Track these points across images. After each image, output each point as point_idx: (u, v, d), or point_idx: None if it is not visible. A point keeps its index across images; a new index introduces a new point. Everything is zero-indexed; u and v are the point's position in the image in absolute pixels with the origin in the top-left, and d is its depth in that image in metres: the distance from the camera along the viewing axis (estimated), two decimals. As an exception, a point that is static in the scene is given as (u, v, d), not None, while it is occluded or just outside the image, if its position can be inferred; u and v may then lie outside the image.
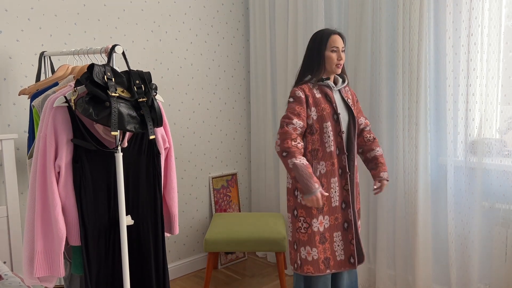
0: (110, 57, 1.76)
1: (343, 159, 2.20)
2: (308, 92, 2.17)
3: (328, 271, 2.21)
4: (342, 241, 2.23)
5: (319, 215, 2.18)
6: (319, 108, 2.16)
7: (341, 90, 2.27)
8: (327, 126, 2.16)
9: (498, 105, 2.35)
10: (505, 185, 2.31)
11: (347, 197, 2.22)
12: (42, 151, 1.67)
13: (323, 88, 2.21)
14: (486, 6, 2.28)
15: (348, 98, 2.27)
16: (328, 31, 2.20)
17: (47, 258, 1.70)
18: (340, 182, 2.22)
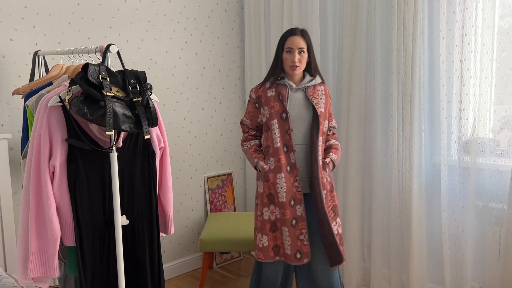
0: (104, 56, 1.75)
1: (291, 157, 2.23)
2: (260, 92, 2.32)
3: (277, 258, 2.29)
4: (289, 237, 2.24)
5: (270, 205, 2.27)
6: (269, 107, 2.27)
7: (307, 89, 2.28)
8: (274, 124, 2.25)
9: (491, 104, 2.37)
10: (498, 185, 2.32)
11: (296, 194, 2.23)
12: (36, 151, 1.66)
13: (280, 87, 2.27)
14: (480, 7, 2.30)
15: (314, 97, 2.27)
16: (288, 31, 2.25)
17: (41, 259, 1.69)
18: (289, 178, 2.23)
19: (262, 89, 2.32)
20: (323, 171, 2.28)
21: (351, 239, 2.92)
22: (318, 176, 2.23)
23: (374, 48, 2.69)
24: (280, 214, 2.25)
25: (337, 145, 2.39)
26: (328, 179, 2.31)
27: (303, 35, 2.23)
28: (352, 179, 2.88)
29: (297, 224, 2.23)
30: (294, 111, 2.25)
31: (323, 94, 2.32)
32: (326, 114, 2.32)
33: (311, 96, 2.27)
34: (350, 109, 2.84)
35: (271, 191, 2.26)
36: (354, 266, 2.94)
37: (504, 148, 2.33)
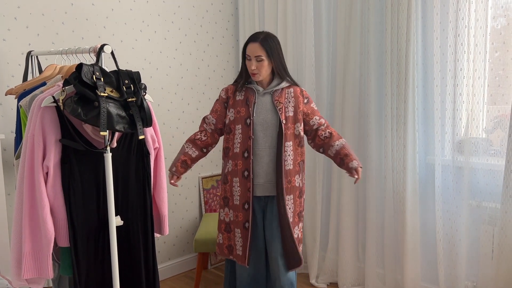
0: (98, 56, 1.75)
1: (249, 163, 2.23)
2: (230, 94, 2.33)
3: (231, 257, 2.35)
4: (241, 239, 2.28)
5: (224, 207, 2.34)
6: (236, 111, 2.27)
7: (274, 93, 2.26)
8: (238, 129, 2.26)
9: (484, 104, 2.39)
10: (492, 184, 2.34)
11: (249, 199, 2.24)
12: (30, 151, 1.65)
13: (248, 91, 2.28)
14: (473, 7, 2.31)
15: (279, 102, 2.24)
16: (249, 38, 2.24)
17: (35, 260, 1.68)
18: (245, 184, 2.24)
19: (232, 91, 2.32)
20: (295, 176, 2.27)
21: (346, 239, 2.93)
22: (282, 182, 2.21)
23: (368, 49, 2.70)
24: (233, 216, 2.30)
25: (343, 147, 2.27)
26: (299, 184, 2.30)
27: (261, 42, 2.17)
28: (346, 179, 2.89)
29: (249, 228, 2.26)
30: (261, 115, 2.24)
31: (292, 97, 2.27)
32: (297, 117, 2.27)
33: (277, 100, 2.25)
34: (344, 109, 2.85)
35: (226, 194, 2.31)
36: (348, 265, 2.95)
37: (497, 147, 2.34)
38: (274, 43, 2.21)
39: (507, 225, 2.19)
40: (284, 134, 2.22)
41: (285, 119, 2.24)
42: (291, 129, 2.26)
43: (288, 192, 2.26)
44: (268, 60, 2.20)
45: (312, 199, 3.10)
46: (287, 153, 2.25)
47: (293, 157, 2.27)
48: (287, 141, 2.24)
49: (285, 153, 2.24)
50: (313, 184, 3.07)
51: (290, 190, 2.26)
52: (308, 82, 3.03)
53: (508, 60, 2.30)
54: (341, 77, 2.87)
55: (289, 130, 2.25)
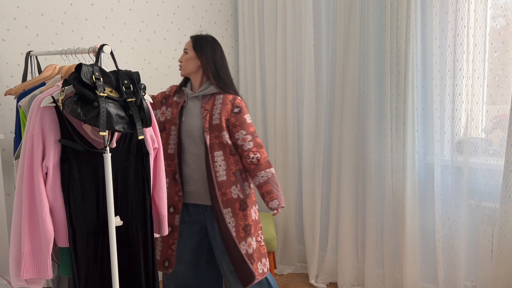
0: (98, 56, 1.74)
1: (176, 165, 2.20)
2: (171, 93, 2.31)
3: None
4: (161, 243, 2.23)
5: None
6: (171, 112, 2.25)
7: (203, 98, 2.20)
8: (173, 130, 2.22)
9: (483, 105, 2.39)
10: (491, 184, 2.34)
11: (178, 203, 2.20)
12: (29, 151, 1.65)
13: (182, 93, 2.27)
14: (472, 7, 2.32)
15: (205, 109, 2.16)
16: None
17: (34, 260, 1.68)
18: (174, 186, 2.21)
19: (173, 91, 2.30)
20: (231, 187, 2.16)
21: (345, 239, 2.93)
22: (215, 194, 2.13)
23: (368, 49, 2.71)
24: None
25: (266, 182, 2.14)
26: (238, 195, 2.17)
27: (193, 38, 2.22)
28: (346, 179, 2.89)
29: (172, 233, 2.22)
30: (187, 121, 2.19)
31: (220, 103, 2.16)
32: (222, 126, 2.14)
33: (203, 107, 2.17)
34: (344, 109, 2.85)
35: None
36: (348, 265, 2.95)
37: (497, 147, 2.34)
38: (207, 43, 2.21)
39: (506, 225, 2.19)
40: (209, 143, 2.13)
41: (209, 127, 2.14)
42: (219, 138, 2.15)
43: (225, 205, 2.15)
44: (194, 55, 2.19)
45: (311, 199, 3.10)
46: (217, 163, 2.14)
47: (226, 167, 2.15)
48: (215, 151, 2.14)
49: (215, 163, 2.14)
50: (313, 184, 3.08)
51: (226, 203, 2.15)
52: (308, 82, 3.03)
53: (507, 60, 2.30)
54: (340, 77, 2.87)
55: (217, 139, 2.14)
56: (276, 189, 2.15)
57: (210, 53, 2.19)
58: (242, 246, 2.17)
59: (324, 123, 3.02)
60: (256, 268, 2.20)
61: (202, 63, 2.18)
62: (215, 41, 2.24)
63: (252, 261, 2.19)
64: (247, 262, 2.16)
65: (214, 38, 2.26)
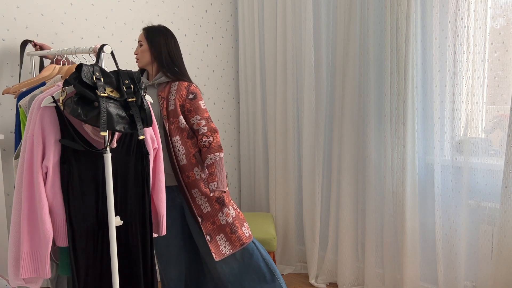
0: (98, 56, 1.74)
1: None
2: None
3: None
4: None
5: None
6: None
7: (158, 86, 2.29)
8: None
9: (483, 105, 2.39)
10: (491, 184, 2.34)
11: None
12: (29, 151, 1.65)
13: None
14: (472, 8, 2.32)
15: (161, 96, 2.26)
16: None
17: (33, 260, 1.68)
18: None
19: None
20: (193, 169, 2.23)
21: (345, 239, 2.93)
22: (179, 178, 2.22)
23: (368, 49, 2.71)
24: None
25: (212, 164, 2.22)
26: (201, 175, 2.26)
27: (146, 29, 2.29)
28: (346, 179, 2.89)
29: None
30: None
31: (175, 90, 2.26)
32: (177, 111, 2.23)
33: (159, 94, 2.27)
34: (344, 109, 2.85)
35: None
36: (348, 265, 2.95)
37: (497, 147, 2.35)
38: (160, 34, 2.27)
39: (506, 225, 2.19)
40: (168, 129, 2.22)
41: (167, 114, 2.23)
42: (175, 124, 2.24)
43: (192, 186, 2.24)
44: (147, 46, 2.27)
45: (311, 199, 3.10)
46: (176, 148, 2.23)
47: (185, 151, 2.24)
48: (173, 136, 2.23)
49: (175, 148, 2.23)
50: (312, 184, 3.08)
51: (192, 184, 2.25)
52: (308, 82, 3.03)
53: (507, 60, 2.30)
54: (340, 77, 2.87)
55: (172, 125, 2.23)
56: (220, 172, 2.22)
57: (163, 43, 2.27)
58: (220, 218, 2.27)
59: (324, 123, 3.02)
60: (242, 233, 2.30)
61: (156, 53, 2.26)
62: (168, 30, 2.32)
63: (236, 228, 2.29)
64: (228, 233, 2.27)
65: (166, 28, 2.33)
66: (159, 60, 2.26)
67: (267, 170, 3.44)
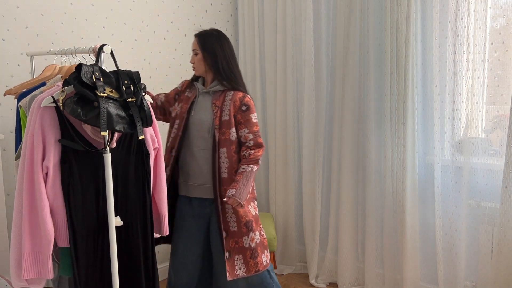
0: (98, 57, 1.74)
1: (170, 159, 2.26)
2: (183, 88, 2.35)
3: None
4: None
5: None
6: (180, 106, 2.28)
7: (213, 94, 2.23)
8: (176, 124, 2.26)
9: (483, 104, 2.39)
10: (491, 184, 2.34)
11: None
12: (29, 151, 1.65)
13: (193, 88, 2.30)
14: (472, 7, 2.32)
15: (215, 105, 2.19)
16: None
17: (35, 260, 1.68)
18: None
19: (185, 86, 2.34)
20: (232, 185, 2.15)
21: (345, 239, 2.93)
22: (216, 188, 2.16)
23: (368, 49, 2.71)
24: None
25: (240, 173, 2.15)
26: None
27: (199, 36, 2.22)
28: (346, 179, 2.89)
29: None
30: (197, 115, 2.21)
31: (230, 100, 2.19)
32: (231, 122, 2.17)
33: (214, 103, 2.20)
34: (344, 109, 2.85)
35: None
36: (348, 265, 2.95)
37: (497, 147, 2.35)
38: (214, 40, 2.20)
39: (506, 225, 2.19)
40: (217, 139, 2.15)
41: (219, 124, 2.16)
42: (226, 135, 2.17)
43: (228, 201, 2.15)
44: (202, 55, 2.20)
45: (311, 199, 3.10)
46: (221, 159, 2.17)
47: (228, 165, 2.18)
48: (221, 147, 2.17)
49: (220, 159, 2.17)
50: (313, 184, 3.08)
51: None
52: (308, 83, 3.03)
53: (507, 60, 2.30)
54: (340, 77, 2.87)
55: (223, 136, 2.16)
56: (243, 183, 2.13)
57: (218, 49, 2.20)
58: (244, 241, 2.21)
59: (324, 123, 3.02)
60: (261, 260, 2.24)
61: (212, 61, 2.20)
62: (221, 34, 2.24)
63: (256, 254, 2.23)
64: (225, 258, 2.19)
65: (218, 31, 2.24)
66: (216, 68, 2.20)
67: (267, 170, 3.44)
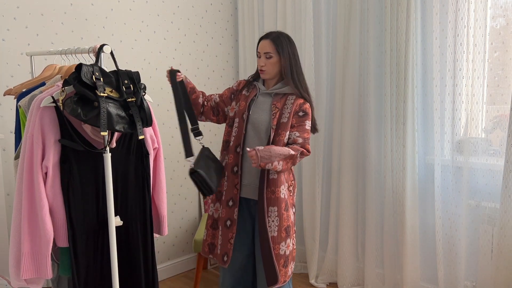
0: (98, 56, 1.74)
1: (237, 158, 2.18)
2: (239, 87, 2.32)
3: (211, 256, 2.28)
4: (221, 237, 2.20)
5: (216, 202, 2.26)
6: (239, 104, 2.24)
7: (274, 95, 2.19)
8: (236, 122, 2.22)
9: (483, 104, 2.39)
10: (491, 184, 2.34)
11: (235, 196, 2.17)
12: (29, 151, 1.65)
13: (253, 88, 2.27)
14: (472, 7, 2.32)
15: (276, 106, 2.15)
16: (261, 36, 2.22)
17: (34, 260, 1.68)
18: (232, 179, 2.18)
19: (242, 85, 2.32)
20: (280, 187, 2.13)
21: (345, 239, 2.93)
22: (263, 191, 2.12)
23: (368, 49, 2.71)
24: (221, 212, 2.22)
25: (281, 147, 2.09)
26: (285, 195, 2.16)
27: (273, 39, 2.14)
28: (346, 179, 2.89)
29: (231, 227, 2.18)
30: (255, 114, 2.18)
31: (291, 104, 2.15)
32: (288, 125, 2.13)
33: (274, 104, 2.15)
34: (344, 109, 2.85)
35: (221, 188, 2.22)
36: (348, 265, 2.95)
37: (497, 147, 2.34)
38: (286, 42, 2.16)
39: (506, 225, 2.19)
40: (271, 140, 2.11)
41: (277, 125, 2.13)
42: (281, 136, 2.12)
43: (272, 203, 2.12)
44: (278, 57, 2.13)
45: (311, 199, 3.10)
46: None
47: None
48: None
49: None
50: (313, 184, 3.07)
51: (274, 201, 2.12)
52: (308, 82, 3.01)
53: (507, 60, 2.30)
54: (340, 77, 2.87)
55: (278, 137, 2.12)
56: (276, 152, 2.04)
57: (289, 54, 2.16)
58: (281, 247, 2.16)
59: (324, 123, 3.02)
60: (287, 271, 2.20)
61: (286, 65, 2.15)
62: (290, 38, 2.21)
63: (287, 263, 2.19)
64: (274, 263, 2.13)
65: (288, 35, 2.21)
66: (289, 73, 2.15)
67: (267, 170, 3.44)
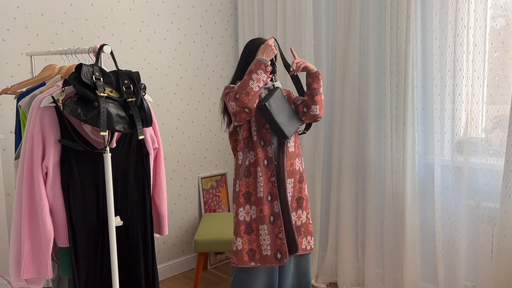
0: (98, 57, 1.74)
1: (268, 150, 2.17)
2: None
3: (252, 263, 2.16)
4: (268, 235, 2.15)
5: (245, 205, 2.17)
6: None
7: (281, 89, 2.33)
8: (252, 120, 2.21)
9: (483, 105, 2.39)
10: (491, 184, 2.34)
11: (273, 189, 2.17)
12: (29, 151, 1.65)
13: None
14: (472, 7, 2.32)
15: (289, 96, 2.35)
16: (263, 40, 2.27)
17: (34, 260, 1.68)
18: (266, 172, 2.17)
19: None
20: (296, 159, 2.25)
21: (345, 239, 2.93)
22: (284, 164, 2.18)
23: (368, 49, 2.71)
24: (257, 212, 2.16)
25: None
26: (299, 168, 2.27)
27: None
28: (346, 179, 2.89)
29: (276, 222, 2.16)
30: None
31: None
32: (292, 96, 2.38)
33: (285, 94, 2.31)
34: (344, 109, 2.85)
35: (249, 188, 2.17)
36: (348, 265, 2.95)
37: (496, 147, 2.34)
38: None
39: (506, 225, 2.19)
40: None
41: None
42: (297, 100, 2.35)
43: (289, 174, 2.21)
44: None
45: (311, 199, 3.10)
46: (291, 141, 2.25)
47: (294, 137, 2.27)
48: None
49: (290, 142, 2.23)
50: (313, 184, 3.07)
51: (291, 173, 2.22)
52: (308, 82, 3.03)
53: (507, 60, 2.30)
54: (340, 77, 2.87)
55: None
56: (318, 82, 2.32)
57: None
58: (292, 217, 2.22)
59: (324, 123, 3.02)
60: (301, 242, 2.24)
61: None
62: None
63: (299, 234, 2.24)
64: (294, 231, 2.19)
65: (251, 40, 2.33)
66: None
67: (267, 170, 3.44)
